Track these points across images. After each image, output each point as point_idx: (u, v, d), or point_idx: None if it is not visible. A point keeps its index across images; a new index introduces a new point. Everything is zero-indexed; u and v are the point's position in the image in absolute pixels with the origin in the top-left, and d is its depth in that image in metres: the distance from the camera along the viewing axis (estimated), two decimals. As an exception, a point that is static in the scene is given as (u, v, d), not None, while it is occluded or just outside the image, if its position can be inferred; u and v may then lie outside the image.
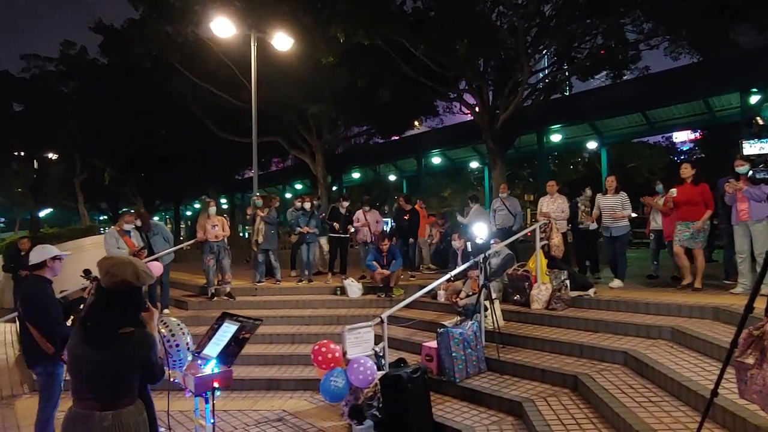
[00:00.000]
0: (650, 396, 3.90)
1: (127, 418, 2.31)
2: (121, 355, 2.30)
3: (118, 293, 2.37)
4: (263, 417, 5.15)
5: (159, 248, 7.81)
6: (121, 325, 2.33)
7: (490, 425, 4.24)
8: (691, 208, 6.49)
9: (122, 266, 2.39)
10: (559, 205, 7.82)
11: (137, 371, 2.36)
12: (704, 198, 6.42)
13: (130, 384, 2.36)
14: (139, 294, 2.46)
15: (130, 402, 2.35)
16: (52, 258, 4.16)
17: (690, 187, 6.53)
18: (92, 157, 25.24)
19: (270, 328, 7.29)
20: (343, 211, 9.63)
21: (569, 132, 20.12)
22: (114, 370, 2.30)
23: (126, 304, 2.39)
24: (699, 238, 6.43)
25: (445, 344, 5.06)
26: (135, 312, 2.44)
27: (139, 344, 2.36)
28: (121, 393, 2.34)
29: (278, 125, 17.43)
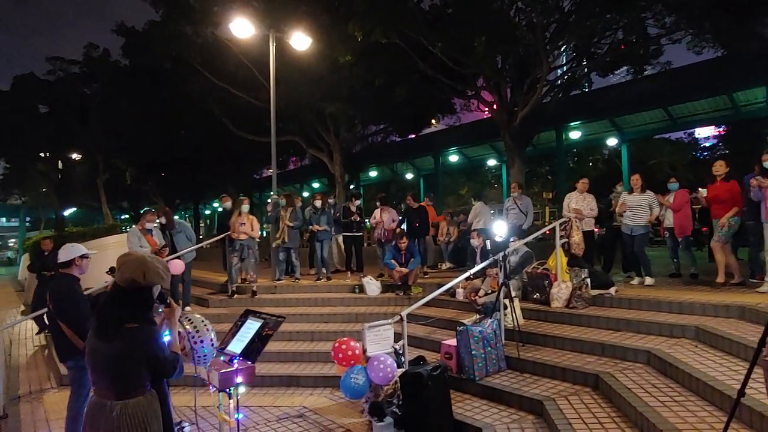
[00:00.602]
0: (674, 395, 3.85)
1: (134, 408, 2.39)
2: (125, 348, 2.39)
3: (126, 290, 2.48)
4: (284, 413, 5.21)
5: (182, 246, 7.94)
6: (127, 320, 2.42)
7: (510, 423, 4.23)
8: (720, 205, 6.41)
9: (132, 264, 2.50)
10: (588, 203, 7.74)
11: (142, 365, 2.43)
12: (732, 195, 6.31)
13: (136, 376, 2.43)
14: (147, 292, 2.53)
15: (138, 393, 2.43)
16: (80, 256, 4.28)
17: (720, 184, 6.44)
18: (114, 157, 25.75)
19: (289, 326, 7.35)
20: (354, 210, 9.66)
21: (589, 129, 19.82)
22: (120, 362, 2.40)
23: (134, 300, 2.47)
24: (721, 232, 6.34)
25: (464, 342, 5.06)
26: (142, 308, 2.50)
27: (142, 339, 2.42)
28: (128, 384, 2.42)
29: (296, 124, 17.56)
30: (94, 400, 2.48)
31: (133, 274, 2.47)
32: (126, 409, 2.38)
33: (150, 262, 2.55)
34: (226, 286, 8.86)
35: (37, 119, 26.27)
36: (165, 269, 2.60)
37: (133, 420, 2.38)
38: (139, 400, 2.42)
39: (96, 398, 2.48)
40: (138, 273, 2.47)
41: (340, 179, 18.23)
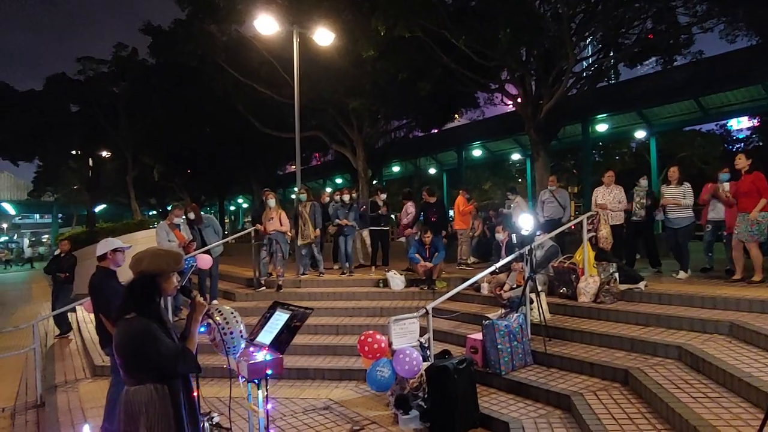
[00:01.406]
0: (707, 392, 3.77)
1: (133, 396, 2.45)
2: (120, 338, 2.46)
3: (133, 281, 2.56)
4: (310, 405, 5.27)
5: (210, 241, 8.08)
6: (127, 311, 2.49)
7: (537, 418, 4.19)
8: (745, 198, 6.20)
9: (137, 255, 2.62)
10: (616, 196, 7.61)
11: (135, 356, 2.45)
12: (757, 186, 6.10)
13: (133, 366, 2.47)
14: (150, 281, 2.56)
15: (138, 382, 2.47)
16: (112, 250, 4.43)
17: (745, 177, 6.24)
18: (142, 154, 26.33)
19: (314, 320, 7.42)
20: (380, 204, 9.70)
21: (616, 121, 19.44)
22: (118, 352, 2.48)
23: (136, 291, 2.53)
24: (754, 231, 6.12)
25: (490, 336, 5.03)
26: (142, 299, 2.52)
27: (132, 331, 2.44)
28: (129, 372, 2.49)
29: (319, 120, 17.66)
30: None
31: (134, 264, 2.58)
32: (127, 395, 2.47)
33: (153, 251, 2.64)
34: (252, 281, 8.98)
35: (68, 118, 27.02)
36: (172, 259, 2.64)
37: (129, 408, 2.44)
38: (138, 389, 2.46)
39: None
40: (137, 262, 2.57)
41: (363, 174, 18.26)
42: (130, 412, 2.44)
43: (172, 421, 2.48)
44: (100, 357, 7.08)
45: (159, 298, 2.63)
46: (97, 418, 4.59)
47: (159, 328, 2.50)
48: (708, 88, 15.64)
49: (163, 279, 2.61)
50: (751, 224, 6.11)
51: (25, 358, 7.94)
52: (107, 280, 4.33)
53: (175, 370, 2.50)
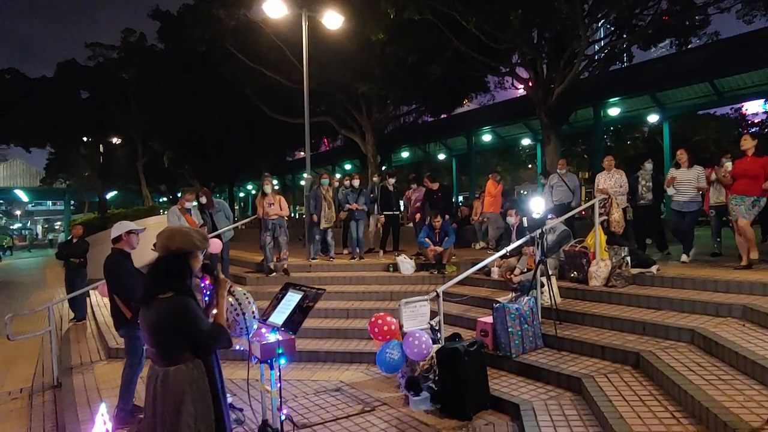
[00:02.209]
0: (720, 374, 3.74)
1: (173, 376, 2.45)
2: (159, 317, 2.45)
3: (162, 259, 2.56)
4: (321, 387, 5.32)
5: (221, 225, 8.14)
6: (161, 289, 2.47)
7: (548, 400, 4.20)
8: (749, 180, 6.05)
9: (165, 232, 2.61)
10: (617, 180, 7.54)
11: (178, 334, 2.46)
12: (765, 171, 5.97)
13: (173, 345, 2.48)
14: (183, 259, 2.57)
15: (178, 362, 2.48)
16: (127, 232, 4.48)
17: (751, 159, 6.10)
18: (152, 140, 26.45)
19: (325, 303, 7.46)
20: (390, 189, 9.70)
21: (628, 105, 19.14)
22: (156, 331, 2.47)
23: (168, 268, 2.53)
24: (754, 212, 6.03)
25: (501, 319, 5.03)
26: (176, 277, 2.53)
27: (174, 309, 2.45)
28: (168, 352, 2.49)
29: (328, 105, 17.60)
30: (150, 367, 2.59)
31: (165, 240, 2.56)
32: (166, 376, 2.45)
33: (183, 229, 2.64)
34: (262, 265, 9.04)
35: (79, 105, 27.18)
36: (201, 237, 2.66)
37: (172, 387, 2.44)
38: (179, 368, 2.47)
39: (150, 363, 2.59)
40: (168, 239, 2.56)
41: (372, 160, 18.23)
42: (173, 392, 2.44)
43: (211, 397, 2.54)
44: (115, 340, 7.19)
45: (191, 275, 2.65)
46: (113, 398, 4.67)
47: (197, 305, 2.55)
48: (723, 70, 15.31)
49: (192, 257, 2.63)
50: (753, 205, 6.01)
51: (41, 341, 8.09)
52: (123, 262, 4.39)
53: (214, 346, 2.56)
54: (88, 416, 4.72)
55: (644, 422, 3.35)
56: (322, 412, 4.64)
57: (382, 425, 4.26)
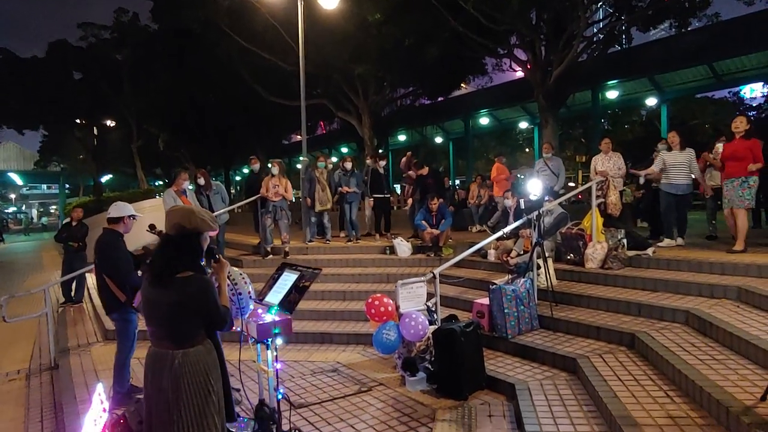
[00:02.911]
0: (714, 354, 3.77)
1: (195, 357, 2.44)
2: (179, 297, 2.41)
3: (174, 238, 2.52)
4: (318, 367, 5.35)
5: (218, 208, 8.11)
6: (177, 269, 2.44)
7: (543, 380, 4.23)
8: (736, 163, 6.02)
9: (178, 211, 2.57)
10: (615, 163, 7.51)
11: (198, 314, 2.46)
12: (753, 153, 5.95)
13: (193, 325, 2.47)
14: (195, 240, 2.55)
15: (197, 342, 2.48)
16: (129, 216, 4.44)
17: (738, 141, 6.07)
18: (147, 123, 26.18)
19: (322, 286, 7.49)
20: (381, 171, 9.64)
21: (626, 88, 19.06)
22: (175, 312, 2.43)
23: (181, 248, 2.50)
24: (745, 195, 6.00)
25: (497, 301, 5.05)
26: (192, 256, 2.52)
27: (195, 288, 2.43)
28: (187, 333, 2.46)
29: (325, 87, 17.42)
30: (154, 351, 2.51)
31: (180, 219, 2.52)
32: (187, 357, 2.42)
33: (195, 210, 2.61)
34: (258, 248, 9.03)
35: (72, 86, 26.83)
36: (211, 218, 2.64)
37: (196, 368, 2.43)
38: (199, 349, 2.47)
39: (155, 349, 2.51)
40: (184, 218, 2.52)
41: (369, 143, 18.12)
42: (196, 373, 2.43)
43: (221, 375, 2.57)
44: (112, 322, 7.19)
45: (202, 256, 2.64)
46: (111, 380, 4.67)
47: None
48: (723, 52, 15.24)
49: (203, 238, 2.62)
50: (742, 188, 5.99)
51: (38, 323, 8.09)
52: (117, 243, 4.35)
53: (224, 327, 2.57)
54: (86, 397, 4.73)
55: (639, 401, 3.38)
56: (318, 392, 4.67)
57: (378, 405, 4.29)
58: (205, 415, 2.44)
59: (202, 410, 2.44)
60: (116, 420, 3.52)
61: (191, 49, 19.43)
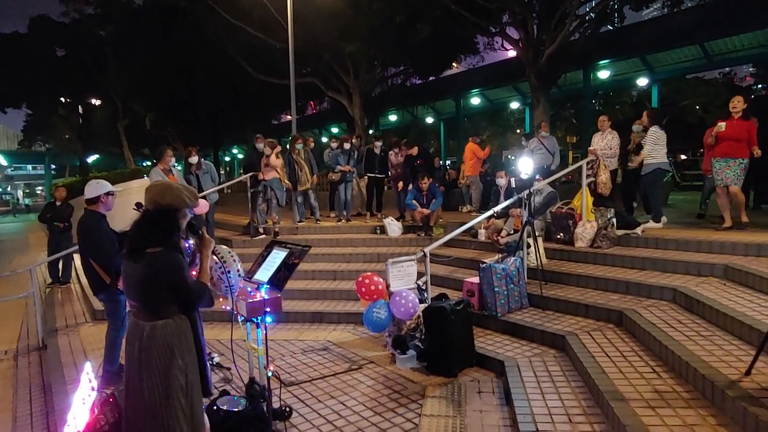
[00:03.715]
0: (700, 330, 3.82)
1: (162, 330, 2.46)
2: (148, 272, 2.43)
3: (150, 213, 2.51)
4: (309, 346, 5.36)
5: (207, 187, 8.02)
6: (150, 244, 2.45)
7: (532, 357, 4.27)
8: (734, 144, 6.06)
9: (156, 187, 2.56)
10: (608, 142, 7.49)
11: (164, 290, 2.46)
12: (750, 135, 5.99)
13: (161, 300, 2.47)
14: (171, 216, 2.53)
15: (166, 316, 2.48)
16: (105, 193, 4.33)
17: (738, 122, 6.09)
18: (133, 101, 25.70)
19: (312, 265, 7.48)
20: (377, 152, 9.57)
21: (618, 68, 18.99)
22: (144, 286, 2.45)
23: (157, 223, 2.49)
24: (741, 176, 6.06)
25: (487, 279, 5.06)
26: (165, 232, 2.50)
27: (162, 265, 2.43)
28: (155, 307, 2.48)
29: (315, 65, 17.17)
30: (132, 321, 2.57)
31: (155, 195, 2.51)
32: (154, 330, 2.46)
33: (173, 185, 2.58)
34: (248, 228, 8.97)
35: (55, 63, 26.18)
36: (191, 194, 2.59)
37: (162, 341, 2.45)
38: (167, 322, 2.48)
39: (133, 319, 2.57)
40: (158, 194, 2.51)
41: (360, 122, 17.97)
42: (162, 345, 2.45)
43: (195, 352, 2.56)
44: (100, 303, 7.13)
45: (179, 232, 2.61)
46: (99, 359, 4.65)
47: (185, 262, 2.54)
48: (714, 32, 15.18)
49: (181, 214, 2.59)
50: (740, 168, 6.04)
51: (25, 304, 8.00)
52: (98, 224, 4.25)
53: (199, 303, 2.56)
54: (75, 376, 4.70)
55: (626, 377, 3.42)
56: (309, 370, 4.68)
57: (369, 382, 4.32)
58: (168, 388, 2.46)
59: (164, 382, 2.46)
60: (105, 399, 3.50)
61: (177, 26, 19.02)
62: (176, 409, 2.45)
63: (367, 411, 3.78)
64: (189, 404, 2.50)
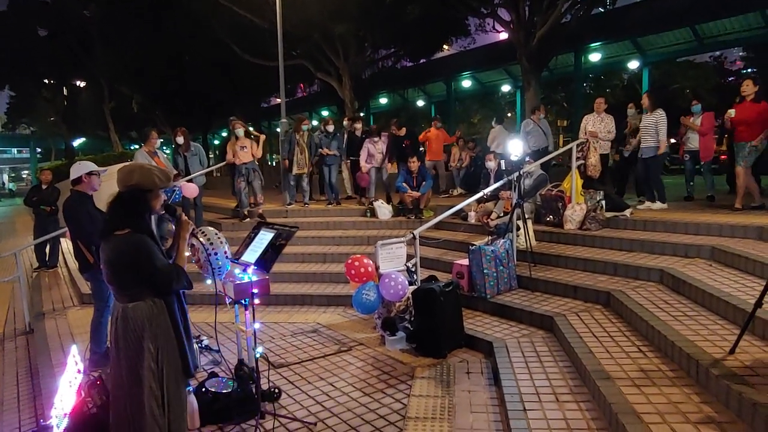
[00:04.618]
0: (686, 311, 3.86)
1: (133, 312, 2.44)
2: (114, 253, 2.41)
3: (121, 194, 2.48)
4: (299, 329, 5.36)
5: (195, 170, 7.92)
6: (117, 226, 2.42)
7: (520, 338, 4.30)
8: (748, 128, 6.12)
9: (126, 168, 2.54)
10: (607, 125, 7.47)
11: (130, 272, 2.43)
12: (763, 118, 6.02)
13: (129, 282, 2.45)
14: (141, 197, 2.49)
15: (136, 299, 2.46)
16: (87, 173, 4.28)
17: (749, 105, 6.12)
18: (119, 84, 25.21)
19: (302, 248, 7.46)
20: (358, 134, 9.43)
21: (609, 50, 18.89)
22: (113, 268, 2.44)
23: (126, 205, 2.46)
24: (749, 157, 6.12)
25: (476, 261, 5.07)
26: (133, 214, 2.46)
27: (126, 247, 2.41)
28: (125, 289, 2.47)
29: (304, 48, 16.91)
30: (114, 303, 2.59)
31: (122, 175, 2.48)
32: (126, 312, 2.45)
33: (144, 166, 2.56)
34: (237, 211, 8.90)
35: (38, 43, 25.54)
36: (163, 175, 2.55)
37: (133, 323, 2.44)
38: (138, 305, 2.46)
39: (114, 301, 2.58)
40: (126, 174, 2.48)
41: (350, 105, 17.78)
42: (132, 328, 2.44)
43: (173, 335, 2.53)
44: (87, 285, 7.07)
45: (149, 214, 2.57)
46: (88, 342, 4.62)
47: (153, 244, 2.49)
48: (705, 15, 15.13)
49: (153, 195, 2.54)
50: (749, 152, 6.09)
51: (11, 288, 7.93)
52: (82, 205, 4.21)
53: (171, 286, 2.51)
54: (62, 360, 4.66)
55: (612, 356, 3.45)
56: (299, 352, 4.68)
57: (358, 364, 4.33)
58: (140, 369, 2.45)
59: (135, 364, 2.46)
60: (93, 381, 3.47)
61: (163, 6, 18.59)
62: (148, 391, 2.44)
63: (357, 392, 3.79)
64: (160, 387, 2.47)
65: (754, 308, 2.94)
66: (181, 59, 21.24)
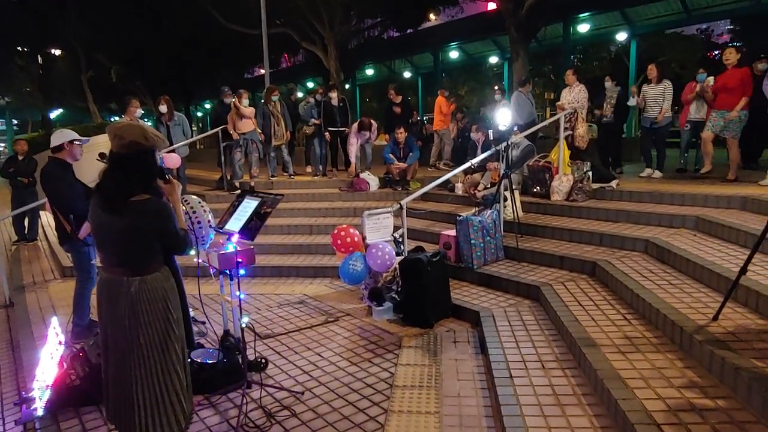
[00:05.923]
0: (671, 279, 3.90)
1: (153, 283, 2.32)
2: (136, 222, 2.25)
3: (127, 157, 2.29)
4: (285, 300, 5.33)
5: (178, 140, 7.74)
6: (133, 192, 2.25)
7: (507, 307, 4.33)
8: (728, 95, 6.13)
9: (130, 128, 2.33)
10: (575, 95, 7.41)
11: (155, 239, 2.32)
12: (743, 83, 6.02)
13: (151, 251, 2.34)
14: (151, 159, 2.35)
15: (155, 268, 2.36)
16: (69, 141, 4.15)
17: (732, 71, 6.11)
18: (96, 52, 24.37)
19: (288, 220, 7.39)
20: (334, 104, 9.13)
21: (598, 21, 18.76)
22: (131, 237, 2.27)
23: (136, 168, 2.29)
24: (733, 128, 6.14)
25: (463, 231, 5.05)
26: (146, 177, 2.33)
27: (152, 212, 2.27)
28: (143, 259, 2.33)
29: (289, 16, 16.46)
30: (107, 278, 2.37)
31: (135, 136, 2.28)
32: (144, 284, 2.30)
33: (135, 123, 2.40)
34: (221, 183, 8.75)
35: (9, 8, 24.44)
36: (154, 134, 2.41)
37: (154, 295, 2.32)
38: (156, 275, 2.35)
39: (109, 276, 2.37)
40: (140, 135, 2.29)
41: (336, 76, 17.46)
42: (155, 299, 2.32)
43: (180, 302, 2.48)
44: (68, 258, 6.94)
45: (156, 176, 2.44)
46: (70, 315, 4.53)
47: None
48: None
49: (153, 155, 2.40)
50: (731, 121, 6.10)
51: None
52: (62, 173, 4.08)
53: (186, 249, 2.44)
54: (43, 333, 4.57)
55: (597, 324, 3.48)
56: (285, 323, 4.66)
57: (345, 334, 4.33)
58: (167, 342, 2.36)
59: (162, 338, 2.35)
60: (75, 353, 3.42)
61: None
62: (174, 362, 2.38)
63: (344, 362, 3.79)
64: (182, 355, 2.45)
65: (739, 275, 2.96)
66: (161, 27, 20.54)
